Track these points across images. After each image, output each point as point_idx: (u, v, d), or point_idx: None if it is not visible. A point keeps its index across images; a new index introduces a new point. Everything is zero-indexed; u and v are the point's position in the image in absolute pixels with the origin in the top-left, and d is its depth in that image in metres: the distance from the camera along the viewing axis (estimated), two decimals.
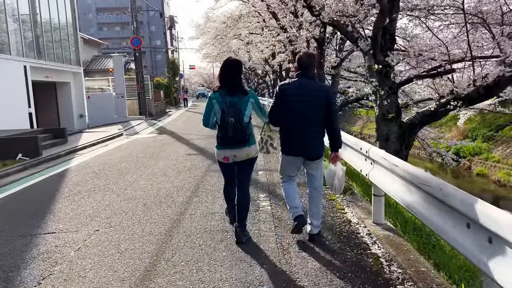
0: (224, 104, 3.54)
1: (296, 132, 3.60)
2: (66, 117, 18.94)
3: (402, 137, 6.95)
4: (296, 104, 3.54)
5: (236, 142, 3.58)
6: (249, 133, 3.59)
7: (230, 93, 3.58)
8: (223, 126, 3.53)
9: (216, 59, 35.97)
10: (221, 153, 3.72)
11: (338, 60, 12.32)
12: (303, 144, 3.59)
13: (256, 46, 22.21)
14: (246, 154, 3.66)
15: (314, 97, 3.54)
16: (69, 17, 18.80)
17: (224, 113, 3.51)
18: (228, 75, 3.64)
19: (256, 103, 3.71)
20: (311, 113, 3.53)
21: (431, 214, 2.60)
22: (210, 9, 20.46)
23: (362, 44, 7.32)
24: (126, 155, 9.36)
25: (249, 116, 3.62)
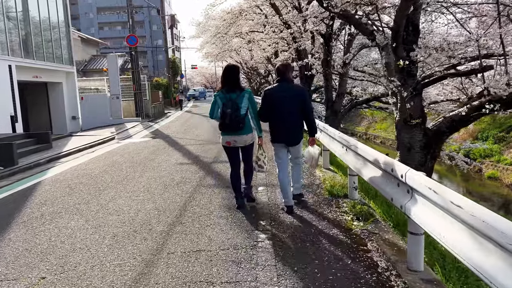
0: (224, 99, 4.54)
1: (279, 125, 4.64)
2: (58, 119, 18.00)
3: (428, 146, 5.90)
4: (278, 103, 4.57)
5: (233, 129, 4.54)
6: (243, 122, 4.53)
7: (230, 90, 4.57)
8: (223, 116, 4.50)
9: (217, 58, 34.99)
10: (224, 139, 4.70)
11: (347, 57, 11.26)
12: (285, 133, 4.65)
13: (258, 44, 21.17)
14: (244, 141, 4.67)
15: (292, 96, 4.57)
16: (61, 15, 17.82)
17: (224, 106, 4.50)
18: (228, 77, 4.62)
19: (250, 98, 4.62)
20: (290, 109, 4.55)
21: None
22: (210, 6, 19.47)
23: (379, 38, 6.28)
24: (111, 164, 8.36)
25: (245, 109, 4.56)
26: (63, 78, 18.03)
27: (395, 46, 5.67)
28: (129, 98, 21.43)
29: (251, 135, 4.72)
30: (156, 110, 23.68)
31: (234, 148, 4.74)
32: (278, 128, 4.66)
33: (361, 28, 6.82)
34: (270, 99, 4.65)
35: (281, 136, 4.69)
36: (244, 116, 4.56)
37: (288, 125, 4.61)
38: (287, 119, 4.59)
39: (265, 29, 19.55)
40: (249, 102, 4.63)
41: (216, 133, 13.21)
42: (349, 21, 6.76)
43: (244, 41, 24.45)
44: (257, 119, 4.75)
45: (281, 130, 4.65)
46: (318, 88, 18.34)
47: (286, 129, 4.62)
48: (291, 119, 4.60)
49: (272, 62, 22.16)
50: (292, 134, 4.66)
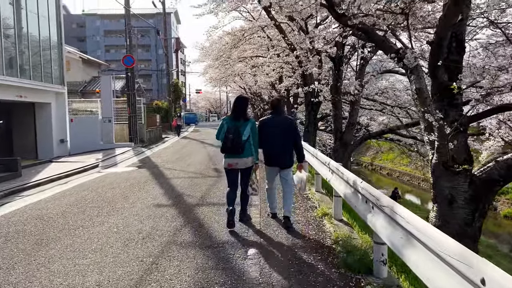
0: (230, 125, 5.09)
1: (273, 151, 5.34)
2: (44, 142, 16.68)
3: (475, 200, 4.43)
4: (272, 132, 5.30)
5: (234, 152, 5.03)
6: (243, 147, 5.03)
7: (236, 118, 5.15)
8: (225, 140, 5.05)
9: (220, 82, 34.03)
10: (226, 161, 5.16)
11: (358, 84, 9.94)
12: (277, 158, 5.34)
13: (262, 68, 20.04)
14: (245, 163, 5.13)
15: (283, 127, 5.32)
16: (54, 33, 16.79)
17: (228, 130, 5.06)
18: (237, 106, 5.23)
19: (252, 127, 5.16)
20: (281, 138, 5.27)
21: None
22: (212, 28, 18.45)
23: (409, 57, 4.92)
24: (75, 202, 6.91)
25: (247, 136, 5.07)
26: (52, 99, 16.85)
27: (434, 66, 4.28)
28: (124, 121, 20.18)
29: (251, 158, 5.18)
30: (152, 135, 22.37)
31: (235, 170, 5.17)
32: (271, 153, 5.34)
33: (384, 46, 5.48)
34: (265, 128, 5.36)
35: (273, 160, 5.36)
36: (244, 142, 5.02)
37: (280, 151, 5.28)
38: (279, 145, 5.27)
39: (269, 53, 18.46)
40: (251, 131, 5.11)
41: (210, 163, 11.78)
42: (369, 36, 5.42)
43: (247, 66, 23.42)
44: (256, 147, 5.22)
45: (274, 155, 5.32)
46: (325, 116, 16.99)
47: (278, 154, 5.29)
48: (282, 146, 5.29)
49: (276, 87, 20.98)
50: (283, 159, 5.32)
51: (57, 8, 16.97)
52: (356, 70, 10.47)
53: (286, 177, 5.35)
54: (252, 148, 5.14)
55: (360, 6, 4.70)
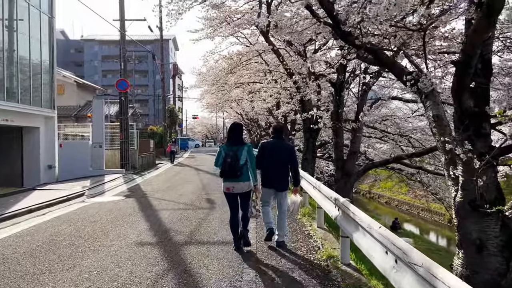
0: (227, 150, 5.26)
1: (270, 173, 5.53)
2: (31, 168, 15.92)
3: (510, 246, 3.76)
4: (270, 155, 5.51)
5: (231, 176, 5.18)
6: (241, 171, 5.18)
7: (233, 144, 5.33)
8: (224, 164, 5.20)
9: (217, 108, 33.64)
10: (225, 185, 5.32)
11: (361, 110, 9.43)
12: (274, 180, 5.52)
13: (259, 94, 19.62)
14: (241, 188, 5.26)
15: (281, 151, 5.54)
16: (45, 55, 16.33)
17: (226, 155, 5.23)
18: (232, 133, 5.43)
19: (249, 151, 5.30)
20: (279, 162, 5.50)
21: None
22: (209, 53, 18.11)
23: (424, 81, 4.37)
24: (49, 239, 6.15)
25: (244, 160, 5.22)
26: (41, 123, 16.22)
27: (458, 90, 3.71)
28: (117, 147, 19.52)
29: (248, 183, 5.29)
30: (144, 161, 21.66)
31: (233, 194, 5.33)
32: (268, 175, 5.54)
33: (395, 69, 4.93)
34: (265, 150, 5.58)
35: (270, 182, 5.54)
36: (242, 166, 5.19)
37: (277, 174, 5.50)
38: (277, 169, 5.50)
39: (266, 78, 18.07)
40: (247, 155, 5.27)
41: (202, 192, 11.07)
42: (378, 58, 4.87)
43: (244, 92, 23.07)
44: (253, 169, 5.34)
45: (271, 177, 5.52)
46: (324, 143, 16.41)
47: (275, 177, 5.50)
48: (280, 169, 5.52)
49: (273, 114, 20.50)
50: (279, 181, 5.52)
51: (50, 31, 16.58)
52: (357, 96, 9.94)
53: (281, 200, 5.59)
54: (250, 172, 5.31)
55: (372, 22, 4.16)
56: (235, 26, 14.44)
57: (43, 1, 16.01)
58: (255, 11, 14.02)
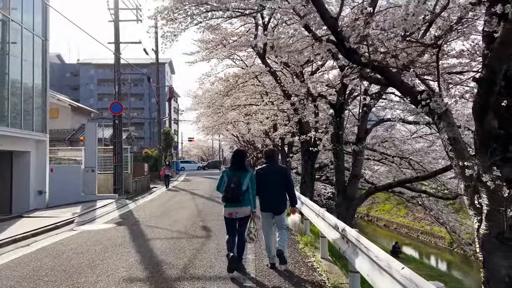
0: (230, 176, 5.40)
1: (267, 197, 5.73)
2: (20, 193, 15.36)
3: None
4: (265, 180, 5.70)
5: (234, 201, 5.32)
6: (243, 197, 5.33)
7: (236, 170, 5.50)
8: (227, 189, 5.33)
9: (213, 131, 33.34)
10: (227, 210, 5.45)
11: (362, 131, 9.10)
12: (272, 204, 5.74)
13: (256, 116, 19.34)
14: (244, 212, 5.41)
15: (276, 175, 5.78)
16: (38, 78, 16.02)
17: (229, 181, 5.36)
18: (235, 159, 5.61)
19: (251, 178, 5.48)
20: (275, 186, 5.71)
21: None
22: (205, 75, 17.90)
23: (437, 101, 4.03)
24: (29, 275, 5.63)
25: (246, 186, 5.38)
26: (32, 147, 15.76)
27: (481, 110, 3.36)
28: (110, 171, 19.03)
29: (249, 208, 5.43)
30: (138, 185, 21.12)
31: (234, 219, 5.44)
32: (266, 200, 5.71)
33: (404, 88, 4.60)
34: (260, 177, 5.68)
35: (268, 206, 5.73)
36: (244, 192, 5.33)
37: (273, 198, 5.68)
38: (273, 193, 5.69)
39: (263, 100, 17.83)
40: (249, 181, 5.43)
41: (198, 219, 10.56)
42: (386, 77, 4.55)
43: (241, 114, 22.82)
44: (254, 195, 5.48)
45: (268, 202, 5.70)
46: (323, 166, 16.01)
47: (272, 201, 5.69)
48: (276, 193, 5.70)
49: (270, 136, 20.18)
50: (277, 205, 5.71)
51: (44, 54, 16.33)
52: (358, 117, 9.63)
53: (280, 221, 5.79)
54: (250, 197, 5.42)
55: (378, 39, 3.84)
56: (231, 48, 14.26)
57: (37, 24, 15.82)
58: (251, 33, 13.89)
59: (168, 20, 11.43)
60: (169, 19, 11.41)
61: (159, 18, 11.30)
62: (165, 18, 11.34)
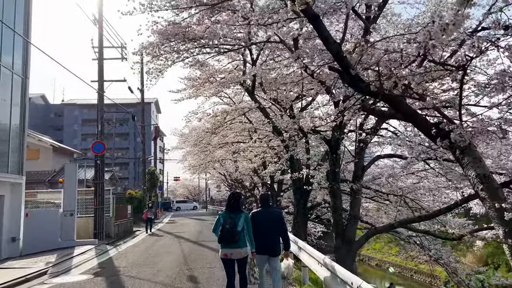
0: (226, 217, 5.53)
1: (262, 240, 5.74)
2: None
3: None
4: (260, 224, 5.81)
5: (230, 242, 5.39)
6: (238, 238, 5.40)
7: (231, 211, 5.61)
8: (222, 230, 5.43)
9: (200, 169, 32.59)
10: (223, 251, 5.54)
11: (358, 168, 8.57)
12: (266, 247, 5.80)
13: (244, 153, 18.79)
14: (239, 253, 5.48)
15: (271, 219, 5.91)
16: (15, 118, 15.26)
17: (224, 222, 5.49)
18: (231, 201, 5.71)
19: (246, 219, 5.58)
20: (270, 229, 5.83)
21: None
22: (192, 113, 17.47)
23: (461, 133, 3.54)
24: None
25: (241, 227, 5.46)
26: (6, 191, 14.74)
27: None
28: (90, 214, 17.98)
29: (245, 249, 5.52)
30: (121, 229, 20.00)
31: (231, 260, 5.56)
32: (261, 242, 5.75)
33: (417, 120, 4.11)
34: (255, 220, 5.86)
35: (263, 249, 5.80)
36: (239, 232, 5.43)
37: (268, 241, 5.84)
38: (268, 236, 5.83)
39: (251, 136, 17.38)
40: (245, 222, 5.55)
41: (184, 268, 9.64)
42: (397, 108, 4.06)
43: (228, 152, 22.27)
44: (251, 236, 5.60)
45: (263, 244, 5.79)
46: (316, 205, 15.35)
47: (267, 244, 5.82)
48: (271, 236, 5.87)
49: (259, 174, 19.54)
50: (272, 247, 5.87)
51: (23, 93, 15.67)
52: (354, 153, 9.14)
53: (275, 264, 5.91)
54: (246, 238, 5.53)
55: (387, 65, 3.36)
56: (219, 85, 13.92)
57: (17, 62, 15.28)
58: (239, 69, 13.60)
59: (154, 56, 11.04)
60: (154, 55, 11.02)
61: (144, 54, 10.89)
62: (151, 54, 10.95)
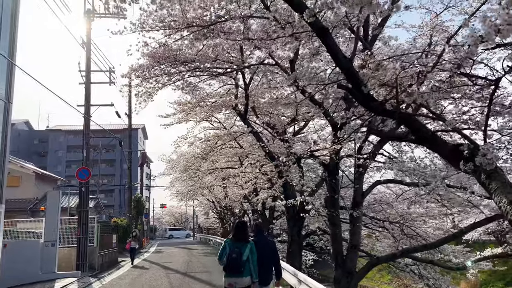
0: (232, 246, 5.60)
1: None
2: None
3: None
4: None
5: (235, 272, 5.47)
6: (244, 267, 5.46)
7: (237, 240, 5.68)
8: (228, 259, 5.53)
9: (188, 196, 31.85)
10: (227, 280, 5.58)
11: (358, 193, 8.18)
12: (260, 275, 5.70)
13: (234, 179, 18.32)
14: (244, 283, 5.49)
15: (264, 249, 5.99)
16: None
17: (230, 251, 5.55)
18: (238, 230, 5.80)
19: (251, 249, 5.63)
20: (263, 258, 5.85)
21: None
22: (181, 138, 17.04)
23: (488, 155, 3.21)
24: None
25: (247, 256, 5.52)
26: None
27: None
28: (74, 244, 17.10)
29: (249, 279, 5.57)
30: (105, 259, 19.06)
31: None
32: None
33: (435, 142, 3.78)
34: None
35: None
36: (245, 262, 5.50)
37: (261, 270, 5.82)
38: (261, 265, 5.82)
39: (242, 163, 16.96)
40: (249, 252, 5.59)
41: None
42: (413, 128, 3.73)
43: (218, 178, 21.76)
44: (255, 266, 5.63)
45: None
46: (310, 233, 14.85)
47: (260, 273, 5.76)
48: (264, 265, 5.97)
49: (250, 200, 18.98)
50: (264, 275, 5.96)
51: (5, 117, 15.02)
52: (354, 179, 8.77)
53: None
54: (251, 268, 5.58)
55: None
56: (211, 108, 13.60)
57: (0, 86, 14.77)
58: (231, 93, 13.33)
59: (144, 79, 10.66)
60: (144, 78, 10.65)
61: (134, 77, 10.52)
62: (140, 77, 10.58)
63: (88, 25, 16.98)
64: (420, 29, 8.10)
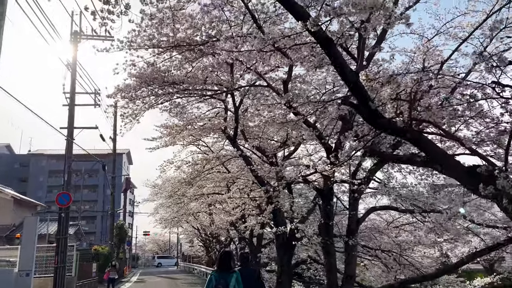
0: (218, 277, 5.62)
1: None
2: None
3: None
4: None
5: None
6: None
7: (223, 271, 5.71)
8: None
9: (172, 223, 30.98)
10: None
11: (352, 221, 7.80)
12: None
13: (222, 205, 17.77)
14: None
15: (250, 278, 6.22)
16: None
17: (216, 282, 5.57)
18: (222, 261, 5.85)
19: (237, 278, 5.65)
20: (249, 286, 6.00)
21: None
22: (167, 162, 16.54)
23: (508, 178, 2.91)
24: None
25: (233, 286, 5.53)
26: None
27: None
28: (50, 274, 16.17)
29: None
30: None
31: None
32: None
33: (448, 164, 3.48)
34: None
35: None
36: None
37: None
38: None
39: (230, 189, 16.52)
40: (236, 282, 5.61)
41: None
42: (425, 148, 3.43)
43: (203, 204, 21.12)
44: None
45: None
46: (301, 262, 14.30)
47: None
48: None
49: (237, 228, 18.38)
50: None
51: None
52: (348, 205, 8.43)
53: None
54: None
55: None
56: (198, 131, 13.25)
57: None
58: (220, 116, 13.05)
59: (130, 100, 10.27)
60: (130, 99, 10.26)
61: (120, 98, 10.12)
62: (127, 98, 10.18)
63: (74, 47, 16.64)
64: (412, 53, 8.04)
